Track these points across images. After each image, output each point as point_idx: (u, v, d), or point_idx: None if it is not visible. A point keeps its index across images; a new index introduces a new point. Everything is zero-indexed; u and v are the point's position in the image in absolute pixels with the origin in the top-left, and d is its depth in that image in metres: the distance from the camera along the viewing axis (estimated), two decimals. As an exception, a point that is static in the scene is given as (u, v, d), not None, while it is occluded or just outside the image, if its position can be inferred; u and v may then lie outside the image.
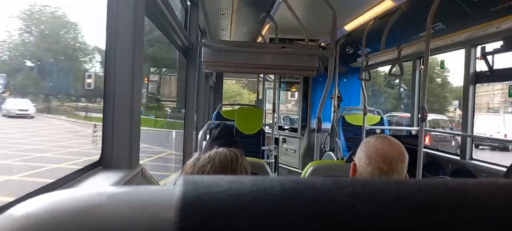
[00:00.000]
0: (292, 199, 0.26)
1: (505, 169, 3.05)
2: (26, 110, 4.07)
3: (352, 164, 1.29)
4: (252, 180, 0.27)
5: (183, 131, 3.10)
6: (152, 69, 6.43)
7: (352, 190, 0.26)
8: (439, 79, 18.83)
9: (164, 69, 6.88)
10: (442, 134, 10.26)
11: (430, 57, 3.15)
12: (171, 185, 0.27)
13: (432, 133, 7.44)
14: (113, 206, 0.25)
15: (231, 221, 0.25)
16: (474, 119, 3.76)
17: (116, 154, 1.20)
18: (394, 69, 3.72)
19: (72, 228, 0.24)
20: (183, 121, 3.11)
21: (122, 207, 0.25)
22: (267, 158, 4.63)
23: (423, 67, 3.77)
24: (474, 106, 3.73)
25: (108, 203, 0.26)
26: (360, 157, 1.25)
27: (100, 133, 1.26)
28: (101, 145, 1.23)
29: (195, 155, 1.08)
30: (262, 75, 6.52)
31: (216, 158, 1.01)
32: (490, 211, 0.25)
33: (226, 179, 0.27)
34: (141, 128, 1.33)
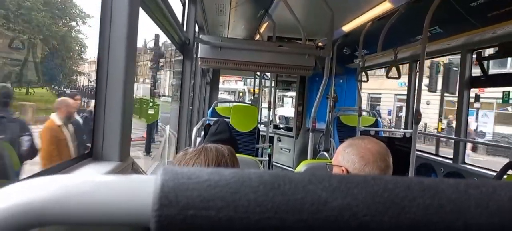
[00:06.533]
0: (269, 191, 0.26)
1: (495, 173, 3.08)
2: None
3: (341, 170, 1.25)
4: (232, 172, 0.27)
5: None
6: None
7: (329, 184, 0.26)
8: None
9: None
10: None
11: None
12: (153, 175, 0.28)
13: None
14: (94, 193, 0.26)
15: (207, 212, 0.25)
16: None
17: (107, 146, 1.20)
18: (391, 71, 3.75)
19: (54, 212, 0.25)
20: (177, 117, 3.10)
21: (103, 195, 0.26)
22: (261, 156, 4.64)
23: (419, 70, 3.80)
24: (468, 111, 3.75)
25: (90, 190, 0.26)
26: (353, 160, 1.22)
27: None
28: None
29: (185, 149, 1.08)
30: (258, 73, 6.51)
31: (203, 152, 1.01)
32: (463, 210, 0.26)
33: (206, 171, 0.27)
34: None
